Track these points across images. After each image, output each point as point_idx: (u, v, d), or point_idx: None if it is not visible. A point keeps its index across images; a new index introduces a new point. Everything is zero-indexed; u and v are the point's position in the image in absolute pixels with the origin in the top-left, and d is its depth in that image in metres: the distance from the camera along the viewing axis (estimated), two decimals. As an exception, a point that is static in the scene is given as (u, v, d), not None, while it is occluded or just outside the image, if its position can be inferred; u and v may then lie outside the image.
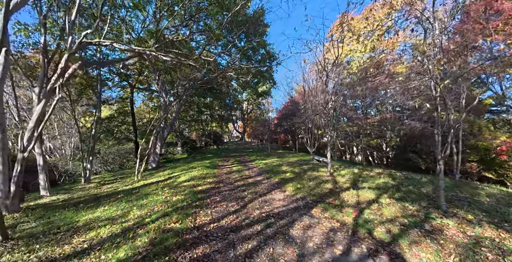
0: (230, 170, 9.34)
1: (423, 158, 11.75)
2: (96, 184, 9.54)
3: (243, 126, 34.04)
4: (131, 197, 6.36)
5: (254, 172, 8.97)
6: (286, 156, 16.20)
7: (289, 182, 6.91)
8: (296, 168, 9.81)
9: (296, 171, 8.98)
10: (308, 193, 5.71)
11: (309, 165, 10.83)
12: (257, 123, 27.62)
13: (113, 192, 7.42)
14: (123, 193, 6.97)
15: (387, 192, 5.85)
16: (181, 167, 10.46)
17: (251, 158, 14.42)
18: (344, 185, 6.70)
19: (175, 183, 7.22)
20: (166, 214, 4.36)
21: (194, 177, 7.80)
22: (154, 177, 9.05)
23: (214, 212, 4.37)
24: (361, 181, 7.19)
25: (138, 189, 7.31)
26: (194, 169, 9.58)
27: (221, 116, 25.16)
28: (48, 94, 5.56)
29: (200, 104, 18.32)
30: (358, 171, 9.22)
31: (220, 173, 8.63)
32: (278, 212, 4.36)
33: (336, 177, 7.88)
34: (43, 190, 7.83)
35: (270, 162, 11.97)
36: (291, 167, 10.10)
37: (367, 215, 4.23)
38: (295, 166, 10.37)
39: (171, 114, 16.15)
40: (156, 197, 5.81)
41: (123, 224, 4.22)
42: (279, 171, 9.15)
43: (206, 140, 27.42)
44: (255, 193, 5.72)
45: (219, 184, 6.73)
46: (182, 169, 10.00)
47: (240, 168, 9.98)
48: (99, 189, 8.34)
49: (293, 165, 10.97)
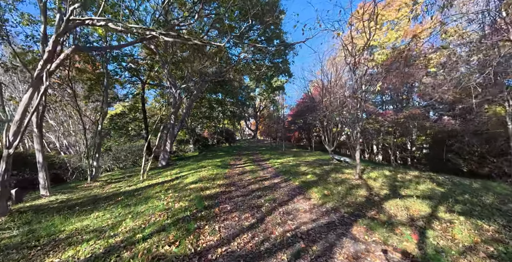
0: (243, 170, 8.30)
1: (465, 158, 10.11)
2: (102, 183, 8.85)
3: (255, 124, 32.99)
4: (130, 200, 5.49)
5: (270, 173, 7.87)
6: (302, 154, 14.95)
7: (313, 187, 5.74)
8: (317, 169, 8.60)
9: (318, 173, 7.78)
10: (340, 202, 4.53)
11: (329, 165, 9.57)
12: (270, 121, 26.46)
13: (114, 193, 6.61)
14: (124, 195, 6.13)
15: (442, 202, 4.55)
16: (190, 166, 9.57)
17: (265, 156, 13.32)
18: (381, 191, 5.44)
19: (181, 185, 6.28)
20: (163, 228, 3.38)
21: (203, 178, 6.82)
22: (160, 176, 8.20)
23: (223, 228, 3.32)
24: (400, 187, 5.89)
25: (141, 190, 6.45)
26: (204, 169, 8.63)
27: (233, 113, 24.24)
28: (35, 82, 4.76)
29: (211, 100, 17.45)
30: (390, 173, 7.87)
31: (232, 174, 7.61)
32: (307, 230, 3.24)
33: (367, 180, 6.60)
34: (43, 189, 7.17)
35: (286, 161, 10.82)
36: (311, 167, 8.90)
37: (434, 239, 3.01)
38: (314, 166, 9.16)
39: (182, 110, 15.38)
40: (157, 202, 4.88)
41: (110, 240, 3.29)
42: (297, 172, 7.99)
43: (218, 138, 26.64)
44: (274, 200, 4.61)
45: (230, 187, 5.69)
46: (191, 168, 9.10)
47: (254, 167, 8.92)
48: (102, 188, 7.60)
49: (312, 165, 9.76)
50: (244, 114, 29.51)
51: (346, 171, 8.31)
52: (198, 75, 13.87)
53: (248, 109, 31.96)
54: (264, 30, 11.28)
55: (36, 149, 7.09)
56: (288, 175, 7.37)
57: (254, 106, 32.43)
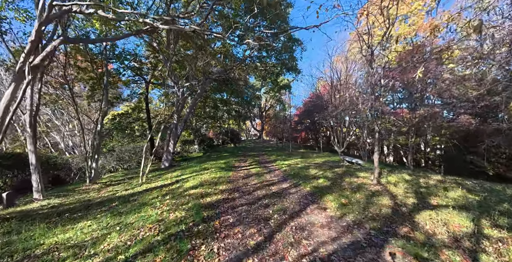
0: (248, 173, 7.65)
1: (491, 161, 9.18)
2: (101, 185, 8.38)
3: (261, 124, 32.32)
4: (124, 207, 4.93)
5: (277, 176, 7.20)
6: (310, 156, 14.20)
7: (327, 193, 5.04)
8: (328, 172, 7.87)
9: (330, 176, 7.06)
10: (362, 213, 3.82)
11: (341, 168, 8.82)
12: (276, 121, 25.77)
13: (109, 197, 6.08)
14: (119, 200, 5.58)
15: (482, 214, 3.80)
16: (193, 168, 8.99)
17: (271, 157, 12.65)
18: (407, 199, 4.70)
19: (180, 190, 5.68)
20: (150, 248, 2.76)
21: (204, 182, 6.21)
22: (161, 179, 7.65)
23: (223, 249, 2.68)
24: (427, 194, 5.14)
25: (137, 195, 5.90)
26: (207, 171, 8.03)
27: (238, 113, 23.66)
28: (18, 76, 4.26)
29: (216, 99, 16.89)
30: (410, 177, 7.10)
31: (236, 177, 6.97)
32: (328, 254, 2.56)
33: (387, 186, 5.85)
34: (36, 192, 6.70)
35: (293, 163, 10.11)
36: (321, 170, 8.18)
37: (496, 271, 2.29)
38: (325, 169, 8.43)
39: (185, 110, 14.88)
40: (151, 210, 4.28)
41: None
42: (307, 175, 7.28)
43: (223, 138, 26.11)
44: (283, 211, 3.95)
45: (234, 194, 5.05)
46: (193, 170, 8.51)
47: (260, 170, 8.27)
48: (99, 192, 7.09)
49: (321, 167, 9.03)
50: (250, 114, 28.91)
51: (361, 174, 7.56)
52: (201, 73, 13.34)
53: (253, 109, 31.34)
54: (271, 23, 10.61)
55: (29, 149, 6.64)
56: (298, 179, 6.68)
57: (260, 106, 31.78)
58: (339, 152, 13.13)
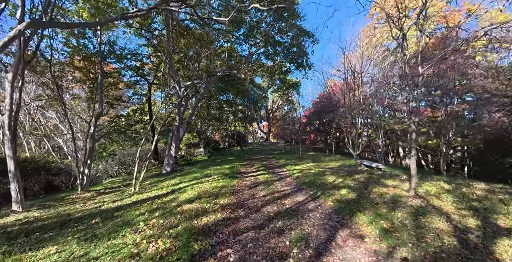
0: (255, 181, 6.55)
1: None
2: (92, 194, 7.48)
3: (268, 126, 31.23)
4: (102, 227, 3.92)
5: (289, 185, 6.06)
6: (322, 159, 12.98)
7: (357, 211, 3.88)
8: (348, 179, 6.68)
9: (352, 185, 5.88)
10: (418, 246, 2.66)
11: (361, 174, 7.62)
12: (284, 122, 24.65)
13: (92, 211, 5.10)
14: (101, 216, 4.59)
15: None
16: (194, 174, 7.96)
17: (280, 161, 11.50)
18: (466, 221, 3.49)
19: (173, 204, 4.64)
20: None
21: (204, 194, 5.15)
22: (156, 188, 6.65)
23: None
24: (484, 210, 3.92)
25: (123, 209, 4.90)
26: (208, 178, 6.98)
27: (244, 115, 22.67)
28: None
29: (221, 100, 15.93)
30: (449, 186, 5.86)
31: (241, 186, 5.87)
32: None
33: (429, 199, 4.64)
34: (15, 203, 5.82)
35: (305, 168, 8.95)
36: (339, 177, 7.00)
37: None
38: (343, 176, 7.24)
39: (188, 111, 13.98)
40: (129, 236, 3.25)
41: None
42: (325, 184, 6.12)
43: (229, 141, 25.14)
44: (305, 241, 2.82)
45: (238, 211, 3.96)
46: (194, 177, 7.48)
47: (269, 177, 7.14)
48: (85, 203, 6.16)
49: (338, 173, 7.84)
50: (256, 116, 27.87)
51: (388, 182, 6.33)
52: (205, 72, 12.43)
53: (260, 111, 30.30)
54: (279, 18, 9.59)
55: (7, 155, 5.77)
56: (315, 189, 5.53)
57: (267, 108, 30.72)
58: (354, 155, 11.87)
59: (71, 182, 13.67)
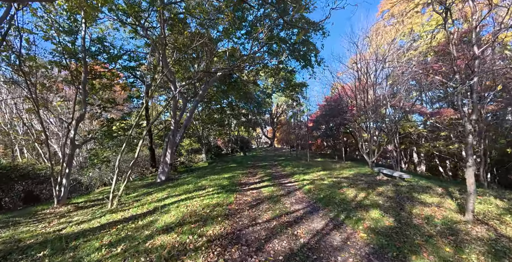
0: (258, 196, 5.26)
1: None
2: (68, 209, 6.31)
3: (272, 131, 29.95)
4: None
5: (301, 202, 4.75)
6: (332, 166, 11.60)
7: (410, 252, 2.57)
8: (372, 194, 5.35)
9: (381, 203, 4.54)
10: None
11: (385, 186, 6.27)
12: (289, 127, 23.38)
13: (47, 238, 3.89)
14: (52, 247, 3.39)
15: None
16: (186, 186, 6.71)
17: (287, 169, 10.18)
18: None
19: (146, 233, 3.39)
20: None
21: (189, 216, 3.89)
22: (137, 204, 5.42)
23: None
24: None
25: (85, 237, 3.67)
26: (201, 192, 5.73)
27: (247, 118, 21.52)
28: None
29: (221, 102, 14.78)
30: (503, 203, 4.47)
31: (240, 205, 4.59)
32: None
33: (495, 225, 3.28)
34: (-37, 225, 4.67)
35: (316, 178, 7.63)
36: (361, 190, 5.66)
37: None
38: (365, 189, 5.90)
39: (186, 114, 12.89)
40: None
41: None
42: (346, 201, 4.79)
43: (232, 146, 23.93)
44: None
45: (230, 251, 2.67)
46: (185, 189, 6.24)
47: (274, 190, 5.84)
48: (51, 222, 4.98)
49: (357, 184, 6.50)
50: (260, 121, 26.70)
51: (426, 198, 4.97)
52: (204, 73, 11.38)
53: (264, 116, 29.15)
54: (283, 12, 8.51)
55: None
56: (335, 209, 4.21)
57: (271, 112, 29.55)
58: (369, 162, 10.50)
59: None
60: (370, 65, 9.93)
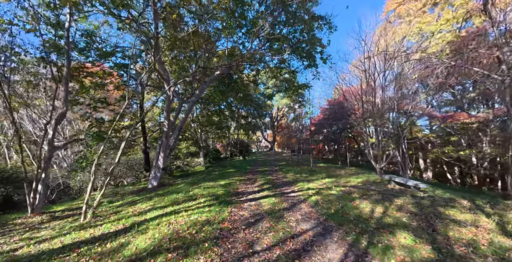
0: (256, 211, 4.42)
1: None
2: (41, 219, 5.51)
3: (272, 135, 29.14)
4: None
5: (308, 219, 3.92)
6: (337, 172, 10.77)
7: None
8: (392, 208, 4.52)
9: (406, 221, 3.71)
10: None
11: (403, 197, 5.46)
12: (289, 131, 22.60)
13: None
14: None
15: None
16: (175, 196, 5.86)
17: (289, 176, 9.34)
18: None
19: (110, 263, 2.57)
20: None
21: (169, 240, 3.05)
22: (115, 217, 4.58)
23: None
24: None
25: None
26: (191, 204, 4.89)
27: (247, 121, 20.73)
28: None
29: (220, 103, 13.98)
30: None
31: (234, 223, 3.74)
32: None
33: None
34: None
35: (322, 186, 6.80)
36: (376, 203, 4.82)
37: None
38: (380, 201, 5.07)
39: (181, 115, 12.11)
40: None
41: None
42: (362, 217, 3.96)
43: (231, 150, 23.07)
44: None
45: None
46: (174, 200, 5.39)
47: (276, 202, 5.00)
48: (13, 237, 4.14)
49: (369, 194, 5.68)
50: (260, 124, 25.91)
51: (456, 214, 4.15)
52: (201, 72, 10.67)
53: (264, 119, 28.38)
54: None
55: None
56: (351, 230, 3.37)
57: (271, 116, 28.79)
58: (377, 168, 9.67)
59: (47, 194, 11.74)
60: (379, 64, 9.20)
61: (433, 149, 13.86)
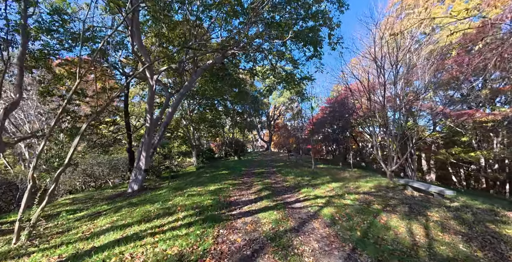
0: (253, 232, 3.16)
1: None
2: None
3: (269, 134, 27.93)
4: None
5: (328, 250, 2.69)
6: (342, 175, 9.64)
7: None
8: (432, 226, 3.33)
9: (466, 251, 2.51)
10: None
11: (436, 209, 4.30)
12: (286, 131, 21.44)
13: None
14: None
15: None
16: (149, 207, 4.53)
17: (289, 179, 8.12)
18: None
19: None
20: None
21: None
22: (53, 242, 3.23)
23: None
24: None
25: None
26: (165, 221, 3.60)
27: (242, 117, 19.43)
28: None
29: (211, 96, 12.58)
30: None
31: (222, 258, 2.50)
32: None
33: None
34: None
35: (331, 193, 5.61)
36: (409, 220, 3.63)
37: None
38: (414, 216, 3.90)
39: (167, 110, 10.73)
40: None
41: None
42: (403, 244, 2.75)
43: (226, 149, 21.74)
44: None
45: None
46: (144, 214, 4.06)
47: (278, 218, 3.75)
48: None
49: (392, 205, 4.53)
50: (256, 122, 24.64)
51: None
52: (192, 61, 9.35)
53: (261, 118, 27.12)
54: None
55: None
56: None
57: (268, 115, 27.56)
58: (388, 172, 8.55)
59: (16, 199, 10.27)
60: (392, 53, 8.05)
61: (440, 149, 12.90)
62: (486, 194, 10.71)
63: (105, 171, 13.29)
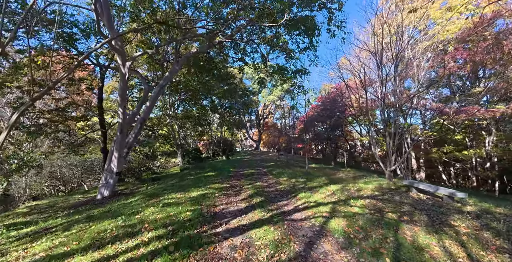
0: None
1: None
2: None
3: (258, 133, 27.06)
4: None
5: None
6: (337, 175, 9.00)
7: None
8: (467, 241, 2.58)
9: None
10: None
11: (458, 216, 3.61)
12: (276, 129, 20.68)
13: None
14: None
15: None
16: (106, 224, 3.49)
17: (282, 181, 7.28)
18: None
19: None
20: None
21: None
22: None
23: None
24: None
25: None
26: (123, 246, 2.61)
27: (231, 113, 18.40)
28: None
29: (195, 86, 11.40)
30: None
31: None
32: None
33: None
34: None
35: (333, 198, 4.83)
36: (435, 233, 2.87)
37: None
38: (438, 227, 3.15)
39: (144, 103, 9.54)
40: None
41: None
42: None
43: (214, 149, 20.62)
44: None
45: None
46: (97, 237, 3.02)
47: (277, 238, 2.88)
48: None
49: (406, 212, 3.82)
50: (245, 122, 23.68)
51: None
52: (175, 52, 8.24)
53: (250, 116, 26.20)
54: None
55: None
56: None
57: (257, 113, 26.69)
58: (387, 172, 7.99)
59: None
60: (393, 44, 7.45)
61: (432, 148, 12.68)
62: (481, 193, 10.52)
63: (77, 173, 11.82)
